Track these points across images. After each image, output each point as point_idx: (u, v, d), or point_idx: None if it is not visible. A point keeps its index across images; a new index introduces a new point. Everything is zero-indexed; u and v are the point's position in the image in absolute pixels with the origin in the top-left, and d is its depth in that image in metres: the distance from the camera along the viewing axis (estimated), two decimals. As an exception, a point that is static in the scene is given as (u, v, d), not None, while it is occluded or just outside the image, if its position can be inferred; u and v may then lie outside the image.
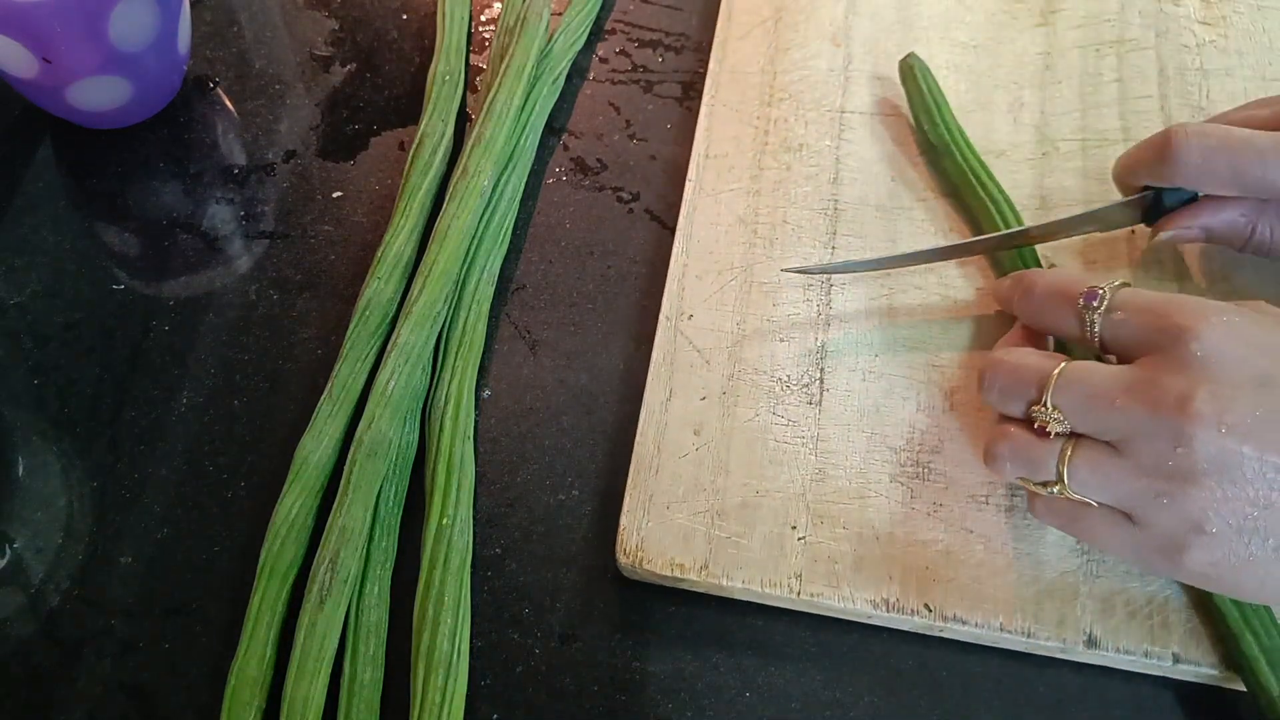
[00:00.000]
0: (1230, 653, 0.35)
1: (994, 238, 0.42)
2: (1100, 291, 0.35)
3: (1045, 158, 0.47)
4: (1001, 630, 0.36)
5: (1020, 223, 0.43)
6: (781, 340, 0.43)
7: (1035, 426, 0.35)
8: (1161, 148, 0.39)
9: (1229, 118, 0.40)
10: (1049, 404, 0.34)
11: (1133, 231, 0.45)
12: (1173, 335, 0.33)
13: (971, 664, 0.37)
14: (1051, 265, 0.44)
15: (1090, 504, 0.34)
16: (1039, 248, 0.43)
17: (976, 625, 0.36)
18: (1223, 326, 0.32)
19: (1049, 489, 0.35)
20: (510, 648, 0.38)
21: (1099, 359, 0.37)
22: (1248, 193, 0.38)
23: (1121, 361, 0.35)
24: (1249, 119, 0.39)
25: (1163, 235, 0.40)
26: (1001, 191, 0.44)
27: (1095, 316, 0.35)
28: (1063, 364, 0.34)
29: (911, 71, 0.48)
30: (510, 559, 0.40)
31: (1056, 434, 0.34)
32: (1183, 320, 0.33)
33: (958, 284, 0.44)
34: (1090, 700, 0.37)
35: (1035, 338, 0.39)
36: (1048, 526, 0.38)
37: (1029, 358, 0.35)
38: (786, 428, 0.41)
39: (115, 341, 0.44)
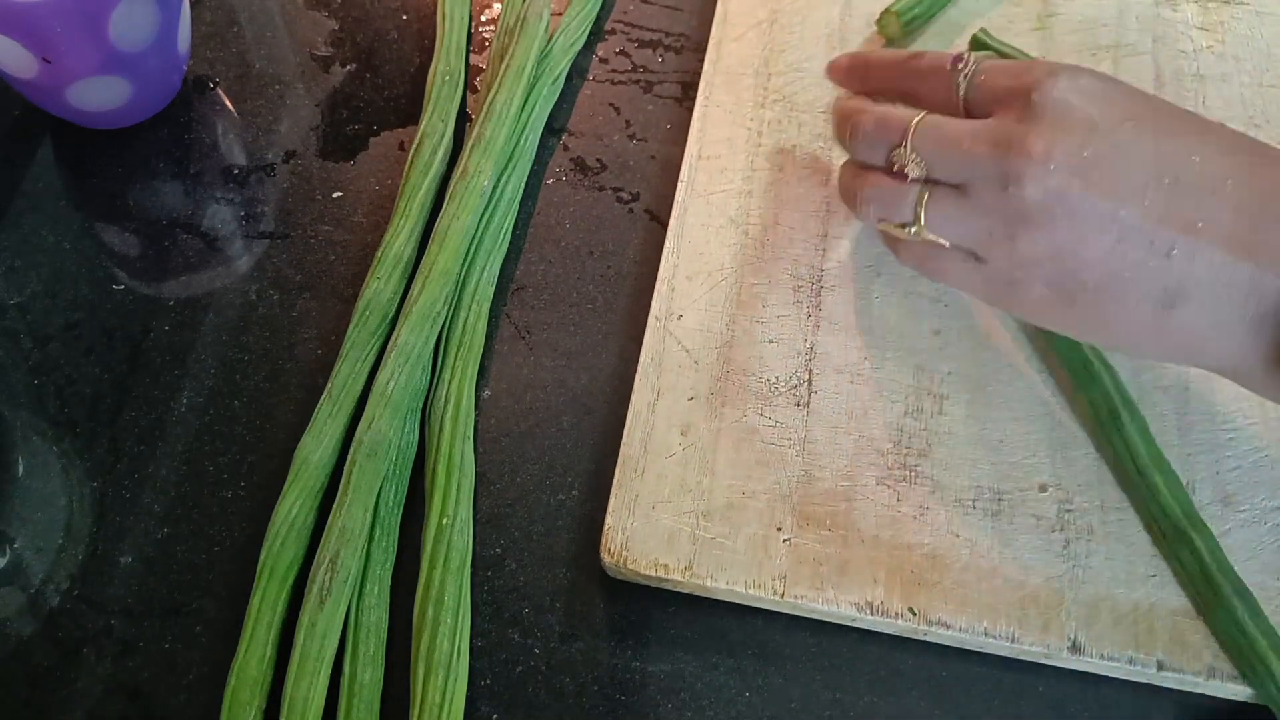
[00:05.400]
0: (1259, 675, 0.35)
1: None
2: (966, 57, 0.38)
3: (1039, 162, 0.47)
4: (986, 635, 0.37)
5: None
6: (770, 342, 0.43)
7: (895, 170, 0.37)
8: None
9: None
10: (909, 148, 0.36)
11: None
12: (1021, 89, 0.35)
13: (972, 664, 0.38)
14: None
15: (943, 244, 0.37)
16: None
17: (961, 630, 0.37)
18: (1066, 78, 0.35)
19: (907, 229, 0.37)
20: (510, 648, 0.38)
21: None
22: None
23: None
24: None
25: None
26: None
27: (961, 80, 0.37)
28: (923, 114, 0.37)
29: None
30: (510, 559, 0.40)
31: (913, 178, 0.37)
32: (1031, 77, 0.35)
33: (949, 287, 0.44)
34: (1090, 703, 0.37)
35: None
36: (1031, 533, 0.38)
37: (892, 110, 0.38)
38: (774, 429, 0.41)
39: (115, 341, 0.45)
